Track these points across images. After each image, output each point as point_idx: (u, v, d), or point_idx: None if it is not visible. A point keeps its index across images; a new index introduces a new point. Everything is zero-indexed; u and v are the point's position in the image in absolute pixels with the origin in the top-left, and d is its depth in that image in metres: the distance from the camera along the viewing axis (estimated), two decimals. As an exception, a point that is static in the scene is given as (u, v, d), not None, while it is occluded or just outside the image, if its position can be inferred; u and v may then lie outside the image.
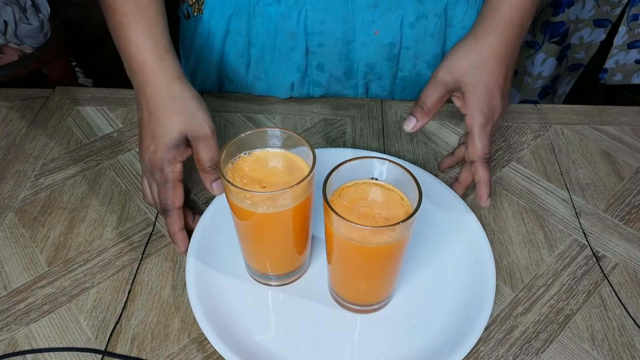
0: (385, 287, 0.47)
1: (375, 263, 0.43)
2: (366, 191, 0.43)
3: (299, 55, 0.68)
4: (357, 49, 0.68)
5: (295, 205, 0.42)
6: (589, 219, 0.58)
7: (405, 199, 0.42)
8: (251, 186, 0.43)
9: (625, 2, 1.08)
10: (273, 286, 0.50)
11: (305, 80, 0.72)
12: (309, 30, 0.65)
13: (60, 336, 0.47)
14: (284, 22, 0.65)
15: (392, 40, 0.67)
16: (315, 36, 0.66)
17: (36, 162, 0.64)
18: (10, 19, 1.26)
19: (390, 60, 0.69)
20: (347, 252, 0.43)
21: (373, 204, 0.42)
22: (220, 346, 0.44)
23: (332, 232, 0.41)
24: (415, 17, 0.65)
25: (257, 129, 0.45)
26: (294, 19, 0.64)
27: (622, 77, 1.20)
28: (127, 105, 0.72)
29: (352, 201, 0.42)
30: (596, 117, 0.71)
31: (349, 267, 0.45)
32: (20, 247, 0.55)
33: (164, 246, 0.55)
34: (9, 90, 0.74)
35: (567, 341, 0.48)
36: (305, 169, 0.44)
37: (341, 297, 0.48)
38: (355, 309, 0.48)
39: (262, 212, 0.42)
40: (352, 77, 0.72)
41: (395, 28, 0.66)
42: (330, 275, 0.49)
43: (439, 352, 0.45)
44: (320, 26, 0.65)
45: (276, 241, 0.47)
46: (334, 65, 0.70)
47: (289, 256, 0.49)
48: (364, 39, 0.67)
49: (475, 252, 0.52)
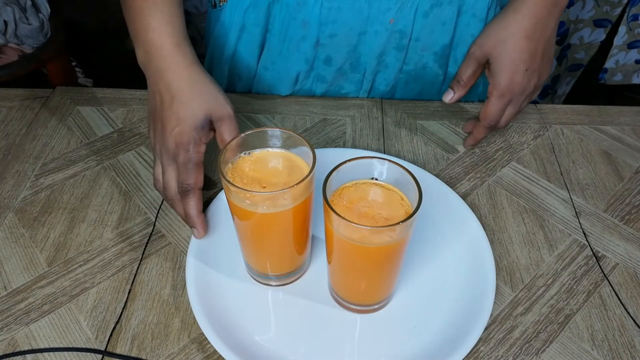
0: (385, 287, 0.47)
1: (375, 263, 0.43)
2: (366, 191, 0.43)
3: (308, 46, 0.69)
4: (368, 41, 0.68)
5: (296, 205, 0.42)
6: (589, 219, 0.58)
7: (405, 199, 0.42)
8: (251, 186, 0.43)
9: (625, 2, 1.08)
10: (273, 286, 0.50)
11: (311, 74, 0.72)
12: (323, 19, 0.66)
13: (60, 336, 0.47)
14: (299, 9, 0.65)
15: (403, 28, 0.67)
16: (328, 26, 0.67)
17: (36, 162, 0.64)
18: (10, 19, 1.26)
19: (399, 50, 0.70)
20: (347, 252, 0.43)
21: (373, 204, 0.42)
22: (220, 346, 0.44)
23: (332, 232, 0.41)
24: (430, 6, 0.66)
25: (257, 129, 0.45)
26: (309, 5, 0.65)
27: (622, 77, 1.20)
28: (127, 105, 0.72)
29: (352, 201, 0.42)
30: (596, 117, 0.71)
31: (349, 267, 0.45)
32: (20, 247, 0.55)
33: (164, 246, 0.55)
34: (9, 90, 0.74)
35: (567, 341, 0.48)
36: (305, 169, 0.44)
37: (341, 297, 0.48)
38: (355, 309, 0.48)
39: (262, 212, 0.42)
40: (357, 71, 0.72)
41: (409, 17, 0.66)
42: (330, 275, 0.49)
43: (439, 352, 0.45)
44: (335, 15, 0.65)
45: (276, 241, 0.47)
46: (342, 57, 0.70)
47: (289, 256, 0.49)
48: (377, 28, 0.67)
49: (475, 252, 0.52)
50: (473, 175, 0.63)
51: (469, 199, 0.60)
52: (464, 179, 0.63)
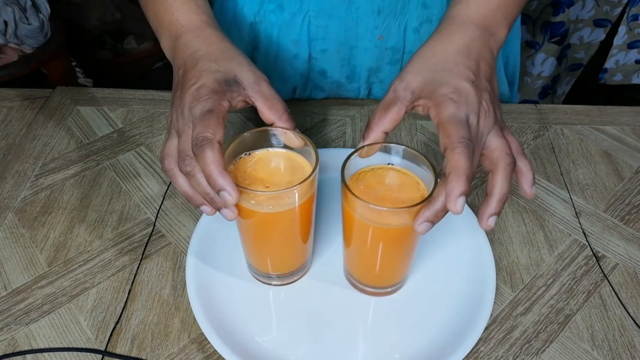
0: (399, 270, 0.48)
1: (394, 244, 0.44)
2: (383, 176, 0.44)
3: (301, 61, 0.69)
4: (359, 54, 0.68)
5: (300, 204, 0.42)
6: (589, 219, 0.58)
7: (421, 183, 0.43)
8: (254, 186, 0.43)
9: (625, 2, 1.08)
10: (274, 285, 0.50)
11: (308, 85, 0.72)
12: (312, 36, 0.66)
13: (60, 336, 0.47)
14: (288, 29, 0.65)
15: (395, 44, 0.67)
16: (318, 42, 0.66)
17: (36, 162, 0.64)
18: (10, 19, 1.26)
19: (393, 64, 0.69)
20: (365, 234, 0.43)
21: (390, 188, 0.43)
22: (220, 346, 0.44)
23: (350, 215, 0.42)
24: (420, 23, 0.65)
25: (258, 129, 0.45)
26: (297, 25, 0.64)
27: (622, 77, 1.20)
28: (127, 105, 0.72)
29: (369, 185, 0.43)
30: (596, 117, 0.71)
31: (365, 249, 0.46)
32: (20, 247, 0.55)
33: (164, 246, 0.55)
34: (9, 90, 0.74)
35: (567, 341, 0.48)
36: (306, 167, 0.44)
37: (357, 279, 0.49)
38: (369, 291, 0.49)
39: (267, 212, 0.42)
40: (354, 82, 0.72)
41: (399, 34, 0.66)
42: (346, 259, 0.50)
43: (439, 352, 0.45)
44: (323, 32, 0.65)
45: (280, 240, 0.47)
46: (337, 70, 0.70)
47: (292, 255, 0.49)
48: (367, 45, 0.67)
49: (475, 252, 0.52)
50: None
51: (469, 199, 0.60)
52: (464, 179, 0.62)
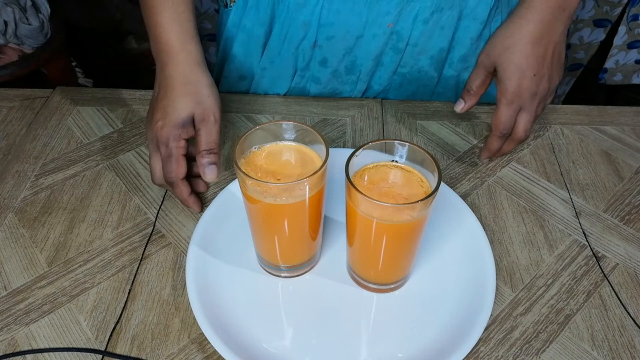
0: (402, 266, 0.48)
1: (394, 241, 0.44)
2: (386, 172, 0.44)
3: (307, 46, 0.69)
4: (364, 45, 0.68)
5: (311, 196, 0.43)
6: (589, 219, 0.58)
7: (425, 181, 0.44)
8: (266, 179, 0.44)
9: (625, 2, 1.08)
10: (283, 277, 0.51)
11: (306, 74, 0.73)
12: (322, 21, 0.66)
13: (60, 336, 0.47)
14: (300, 9, 0.66)
15: (401, 30, 0.67)
16: (327, 28, 0.67)
17: (36, 162, 0.64)
18: (10, 19, 1.26)
19: (396, 52, 0.70)
20: (368, 230, 0.43)
21: (393, 185, 0.43)
22: (220, 346, 0.44)
23: (354, 211, 0.42)
24: (431, 12, 0.66)
25: (268, 122, 0.45)
26: (311, 6, 0.65)
27: (622, 77, 1.20)
28: (127, 105, 0.72)
29: (373, 182, 0.43)
30: (596, 117, 0.71)
31: (368, 245, 0.46)
32: (20, 247, 0.55)
33: (164, 246, 0.55)
34: (9, 90, 0.74)
35: (567, 341, 0.48)
36: (316, 159, 0.45)
37: (360, 276, 0.49)
38: (371, 287, 0.49)
39: (278, 203, 0.43)
40: (352, 73, 0.72)
41: (408, 21, 0.66)
42: (349, 255, 0.50)
43: (439, 352, 0.45)
44: (334, 17, 0.66)
45: (290, 231, 0.47)
46: (338, 59, 0.70)
47: (301, 247, 0.49)
48: (376, 31, 0.67)
49: (475, 252, 0.52)
50: (473, 175, 0.63)
51: (469, 199, 0.60)
52: (464, 179, 0.63)
